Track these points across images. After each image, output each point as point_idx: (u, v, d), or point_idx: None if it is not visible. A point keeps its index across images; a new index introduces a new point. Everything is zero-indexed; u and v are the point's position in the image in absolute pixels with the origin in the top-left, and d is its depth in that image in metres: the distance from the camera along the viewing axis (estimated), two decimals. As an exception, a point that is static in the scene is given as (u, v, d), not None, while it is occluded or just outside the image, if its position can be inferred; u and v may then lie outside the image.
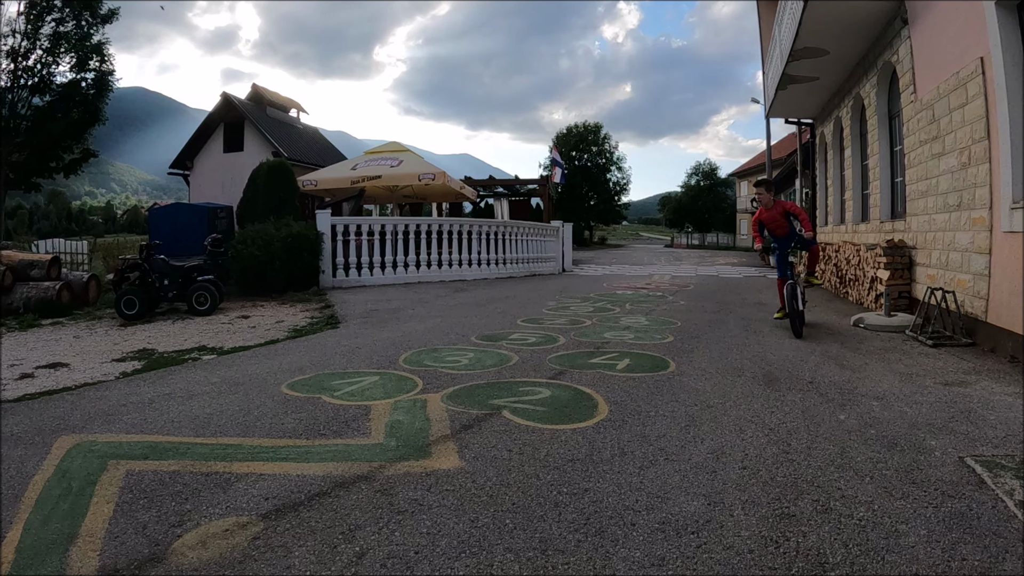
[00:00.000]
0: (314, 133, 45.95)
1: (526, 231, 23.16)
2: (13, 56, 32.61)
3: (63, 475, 4.73)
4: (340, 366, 8.16)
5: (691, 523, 3.74)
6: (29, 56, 32.95)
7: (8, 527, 3.94)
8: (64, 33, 33.29)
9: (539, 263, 23.89)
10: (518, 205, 39.02)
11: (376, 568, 3.34)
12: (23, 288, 14.78)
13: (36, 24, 32.66)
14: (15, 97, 33.05)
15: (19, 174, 34.37)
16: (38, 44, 32.95)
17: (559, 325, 11.10)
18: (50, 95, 33.89)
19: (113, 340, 10.96)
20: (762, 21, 25.35)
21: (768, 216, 11.04)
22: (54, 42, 33.17)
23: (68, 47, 33.43)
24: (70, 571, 3.42)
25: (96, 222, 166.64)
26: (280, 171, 19.55)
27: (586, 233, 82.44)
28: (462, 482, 4.38)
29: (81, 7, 33.28)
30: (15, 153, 33.27)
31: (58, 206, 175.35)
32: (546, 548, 3.50)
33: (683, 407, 6.05)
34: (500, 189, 39.53)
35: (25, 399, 7.18)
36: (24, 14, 32.43)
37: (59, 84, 34.09)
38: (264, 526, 3.83)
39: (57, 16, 33.16)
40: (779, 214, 10.97)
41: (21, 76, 33.05)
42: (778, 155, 50.10)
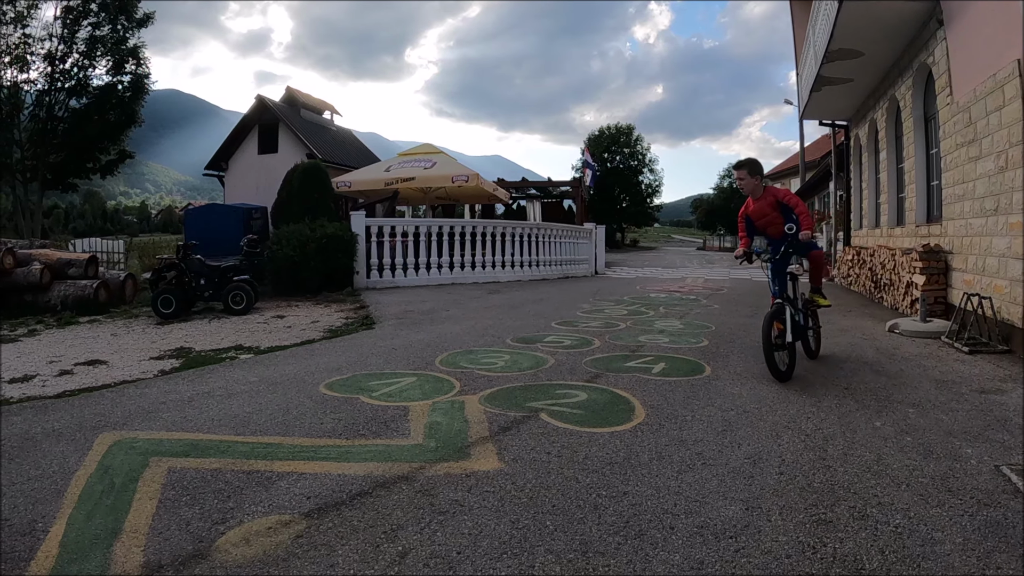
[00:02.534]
0: (347, 135, 46.10)
1: (559, 233, 23.17)
2: (50, 60, 33.02)
3: (105, 471, 4.80)
4: (377, 367, 8.22)
5: (729, 527, 3.75)
6: (66, 60, 33.35)
7: (51, 522, 4.00)
8: (100, 37, 33.74)
9: (572, 265, 23.91)
10: (550, 207, 39.01)
11: (419, 568, 3.38)
12: (61, 286, 14.98)
13: (72, 28, 33.06)
14: (52, 100, 33.44)
15: (56, 174, 34.79)
16: (75, 48, 33.34)
17: (594, 328, 11.07)
18: (87, 98, 34.32)
19: (151, 338, 11.10)
20: (795, 22, 25.21)
21: (756, 209, 8.32)
22: (90, 46, 33.62)
23: (104, 51, 33.85)
24: (115, 566, 3.47)
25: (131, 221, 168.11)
26: (315, 172, 19.66)
27: (618, 235, 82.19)
28: (502, 484, 4.41)
29: (117, 11, 33.61)
30: (53, 154, 33.67)
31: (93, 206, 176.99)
32: (587, 550, 3.52)
33: (719, 411, 6.05)
34: (532, 191, 39.53)
35: (65, 396, 7.31)
36: (60, 18, 32.78)
37: (96, 87, 34.54)
38: (307, 524, 3.87)
39: (93, 20, 33.52)
40: (769, 206, 8.21)
41: (58, 79, 33.43)
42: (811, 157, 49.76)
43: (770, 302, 7.91)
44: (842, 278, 19.67)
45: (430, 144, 25.34)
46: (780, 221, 8.15)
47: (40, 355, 9.87)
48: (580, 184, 37.10)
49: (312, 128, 38.78)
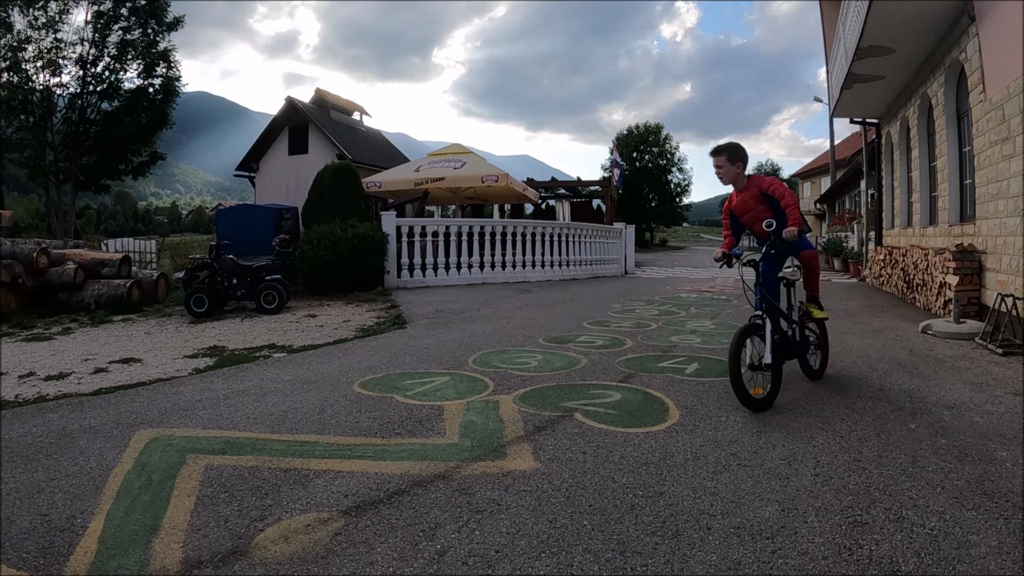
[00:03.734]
0: (377, 135, 46.30)
1: (589, 233, 23.14)
2: (82, 63, 33.39)
3: (143, 468, 4.85)
4: (410, 366, 8.25)
5: (766, 528, 3.74)
6: (98, 63, 33.73)
7: (90, 518, 4.06)
8: (131, 41, 34.16)
9: (602, 265, 23.87)
10: (579, 207, 38.95)
11: (458, 566, 3.39)
12: (95, 285, 15.16)
13: (104, 33, 33.44)
14: (84, 103, 33.83)
15: (89, 176, 35.17)
16: (106, 52, 33.73)
17: (625, 328, 11.05)
18: (119, 100, 34.71)
19: (184, 337, 11.20)
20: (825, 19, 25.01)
21: (740, 202, 7.12)
22: (121, 50, 34.03)
23: (135, 54, 34.26)
24: (154, 562, 3.51)
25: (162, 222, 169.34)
26: (345, 173, 19.74)
27: (647, 235, 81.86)
28: (538, 483, 4.43)
29: (147, 15, 33.97)
30: (85, 156, 34.04)
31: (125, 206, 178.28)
32: (624, 550, 3.53)
33: (753, 414, 6.03)
34: (562, 190, 39.49)
35: (101, 393, 7.40)
36: (91, 23, 33.14)
37: (127, 90, 34.94)
38: (345, 522, 3.90)
39: (124, 24, 33.90)
40: (754, 198, 6.96)
41: (90, 83, 33.82)
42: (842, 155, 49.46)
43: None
44: (874, 278, 19.50)
45: (459, 144, 25.40)
46: (766, 216, 6.81)
47: (75, 353, 9.98)
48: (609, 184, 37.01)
49: (342, 129, 38.99)
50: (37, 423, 6.23)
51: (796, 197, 6.78)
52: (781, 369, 6.43)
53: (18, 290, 14.70)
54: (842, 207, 44.93)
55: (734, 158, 7.01)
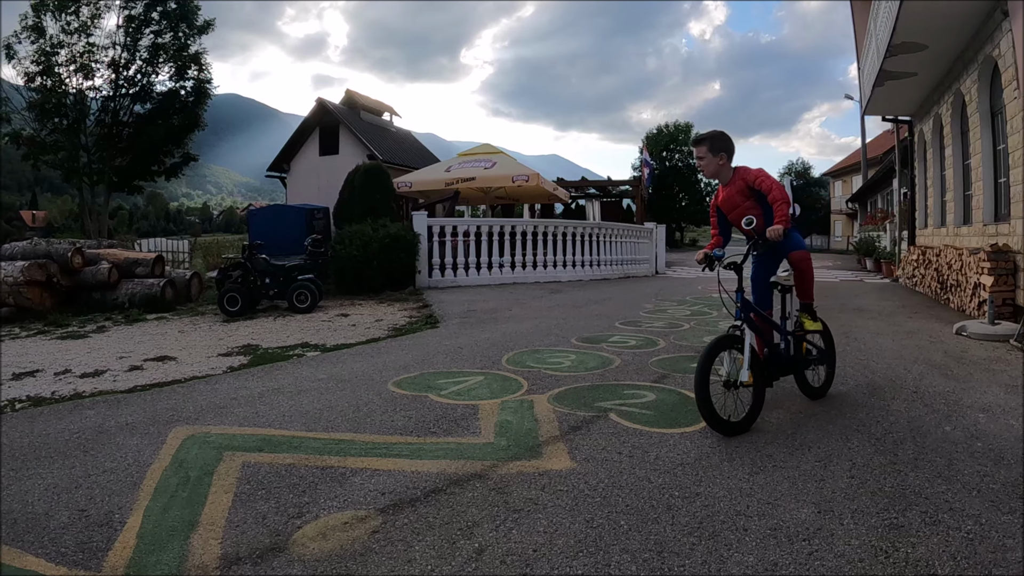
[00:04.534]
0: (407, 136, 46.41)
1: (620, 233, 23.09)
2: (114, 67, 33.76)
3: (180, 465, 4.91)
4: (444, 365, 8.28)
5: (802, 530, 3.73)
6: (130, 67, 34.10)
7: (128, 513, 4.11)
8: (162, 44, 34.52)
9: (633, 265, 23.80)
10: (609, 206, 38.92)
11: (496, 565, 3.41)
12: (128, 284, 15.33)
13: (135, 37, 33.82)
14: (117, 105, 34.19)
15: (122, 177, 35.53)
16: (138, 55, 34.09)
17: (658, 328, 11.02)
18: (151, 103, 35.07)
19: (217, 335, 11.31)
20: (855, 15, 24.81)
21: (725, 198, 6.49)
22: (153, 53, 34.40)
23: (167, 57, 34.61)
24: (192, 558, 3.55)
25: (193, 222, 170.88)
26: (376, 174, 19.81)
27: (677, 235, 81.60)
28: (575, 483, 4.43)
29: (178, 19, 34.33)
30: (118, 158, 34.38)
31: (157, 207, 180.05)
32: (662, 550, 3.53)
33: (787, 414, 6.00)
34: (592, 190, 39.45)
35: (136, 390, 7.50)
36: (123, 27, 33.50)
37: (159, 92, 35.25)
38: (383, 520, 3.93)
39: (155, 28, 34.27)
40: (739, 193, 6.33)
41: (123, 86, 34.20)
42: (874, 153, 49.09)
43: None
44: (907, 278, 19.34)
45: (489, 144, 25.40)
46: (755, 213, 6.15)
47: (110, 351, 10.10)
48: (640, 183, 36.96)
49: (372, 130, 39.11)
50: (74, 419, 6.32)
51: (785, 191, 6.07)
52: (764, 390, 5.83)
53: (53, 289, 14.89)
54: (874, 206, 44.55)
55: (716, 148, 6.33)
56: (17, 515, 4.16)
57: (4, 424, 6.29)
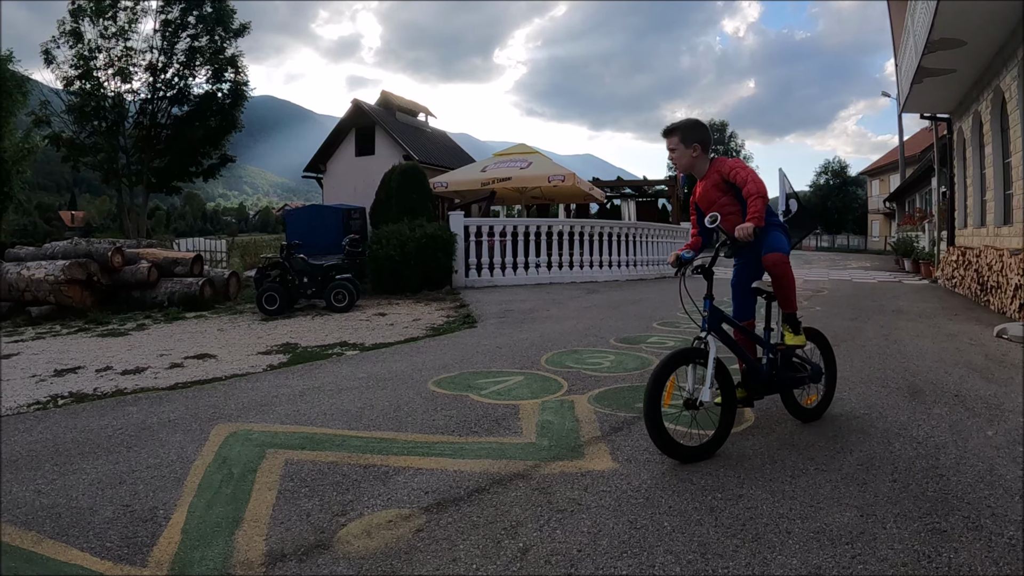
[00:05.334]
0: (442, 136, 46.57)
1: (656, 233, 23.03)
2: (152, 70, 34.25)
3: (223, 461, 4.95)
4: (483, 365, 8.28)
5: (845, 533, 3.70)
6: (167, 70, 34.61)
7: (172, 509, 4.16)
8: (199, 48, 35.00)
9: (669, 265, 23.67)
10: (645, 206, 38.83)
11: (540, 565, 3.41)
12: (168, 283, 15.53)
13: (172, 40, 34.35)
14: (155, 108, 34.66)
15: (160, 178, 35.98)
16: (175, 59, 34.58)
17: (696, 329, 10.78)
18: (188, 105, 35.56)
19: (256, 334, 11.40)
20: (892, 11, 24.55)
21: (702, 193, 5.88)
22: (190, 56, 34.94)
23: (203, 60, 35.08)
24: (237, 554, 3.58)
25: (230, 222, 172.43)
26: (413, 174, 19.89)
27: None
28: (617, 483, 4.43)
29: (214, 23, 34.75)
30: (156, 159, 34.81)
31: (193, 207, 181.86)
32: (705, 552, 3.51)
33: (829, 417, 5.95)
34: (627, 190, 39.37)
35: (178, 388, 7.59)
36: (160, 31, 33.97)
37: (196, 95, 35.73)
38: (427, 519, 3.93)
39: (192, 32, 34.74)
40: (715, 187, 5.71)
41: (160, 88, 34.69)
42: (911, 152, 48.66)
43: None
44: (946, 279, 19.16)
45: (524, 144, 25.44)
46: (734, 209, 5.59)
47: (150, 348, 10.21)
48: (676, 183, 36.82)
49: (408, 130, 39.28)
50: (117, 416, 6.39)
51: (762, 185, 5.33)
52: (734, 410, 5.23)
53: (94, 287, 15.08)
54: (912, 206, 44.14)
55: (688, 138, 5.63)
56: (62, 509, 4.22)
57: (48, 419, 6.40)
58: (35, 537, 3.85)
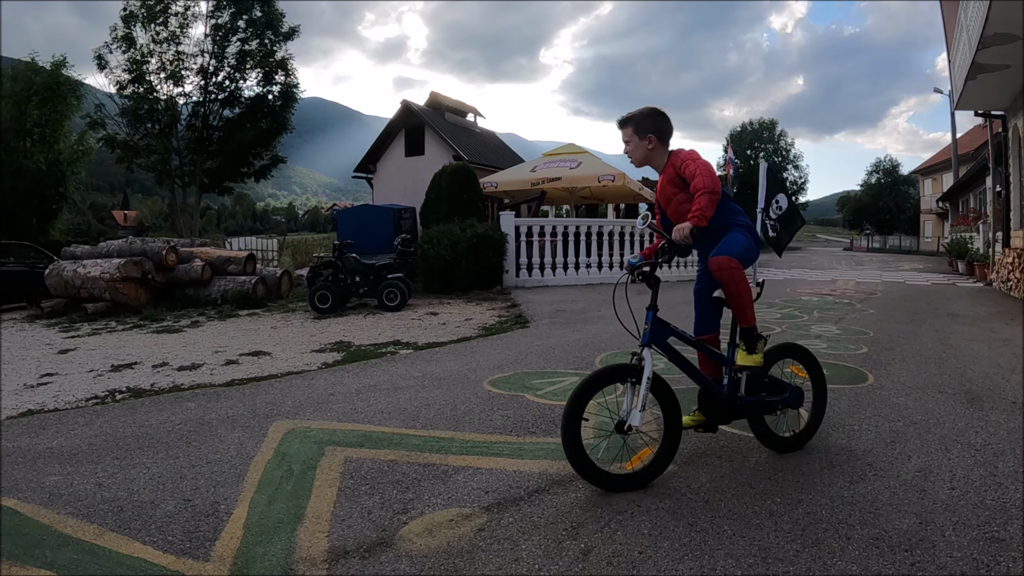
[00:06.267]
0: (491, 136, 46.60)
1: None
2: (203, 74, 34.78)
3: (282, 458, 5.00)
4: (537, 365, 8.28)
5: (904, 540, 3.67)
6: (218, 73, 35.15)
7: (233, 505, 4.21)
8: (249, 51, 35.49)
9: (627, 272, 23.50)
10: (693, 206, 38.66)
11: (602, 566, 3.41)
12: (220, 281, 15.78)
13: (222, 45, 34.85)
14: (207, 110, 35.16)
15: (213, 179, 36.48)
16: (225, 62, 35.07)
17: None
18: (239, 107, 36.00)
19: (309, 332, 11.53)
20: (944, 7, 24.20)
21: (660, 189, 5.19)
22: (240, 60, 35.42)
23: (254, 64, 35.54)
24: (300, 550, 3.61)
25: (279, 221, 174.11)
26: (463, 174, 19.97)
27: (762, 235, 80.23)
28: (676, 486, 4.42)
29: (264, 27, 35.19)
30: (209, 160, 35.32)
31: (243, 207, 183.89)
32: (766, 556, 3.50)
33: (886, 422, 5.88)
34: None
35: (234, 384, 7.70)
36: (210, 36, 34.49)
37: (247, 97, 36.18)
38: (488, 519, 3.95)
39: (242, 36, 35.23)
40: (670, 182, 5.03)
41: (212, 91, 35.21)
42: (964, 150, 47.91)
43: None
44: (1001, 282, 18.83)
45: (574, 144, 25.38)
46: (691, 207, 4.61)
47: (205, 345, 10.39)
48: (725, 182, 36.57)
49: (457, 130, 39.35)
50: (176, 411, 6.50)
51: (711, 180, 4.59)
52: (678, 435, 4.68)
53: (148, 285, 15.33)
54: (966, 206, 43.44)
55: (643, 129, 4.98)
56: (123, 503, 4.29)
57: (108, 414, 6.52)
58: (97, 530, 3.92)
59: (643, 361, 4.57)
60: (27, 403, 7.25)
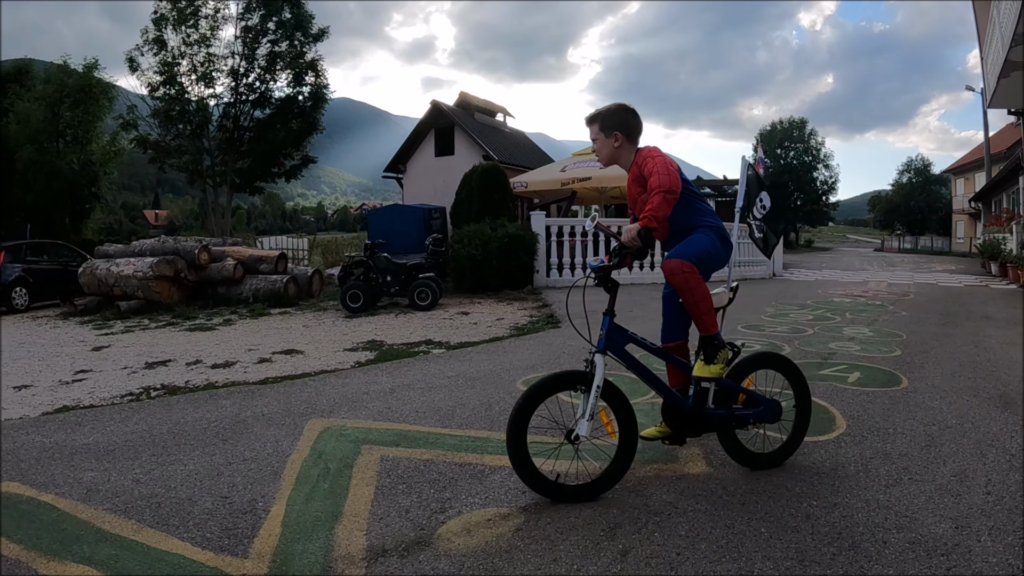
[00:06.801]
0: (520, 136, 46.65)
1: (736, 234, 22.71)
2: (234, 75, 35.07)
3: (319, 456, 5.05)
4: (570, 365, 8.15)
5: (940, 545, 3.64)
6: (248, 75, 35.42)
7: (271, 502, 4.25)
8: (279, 53, 35.73)
9: (750, 267, 23.40)
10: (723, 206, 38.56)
11: (641, 567, 3.41)
12: (252, 280, 15.91)
13: (253, 46, 35.10)
14: (238, 111, 35.43)
15: (243, 179, 36.79)
16: (256, 64, 35.33)
17: (781, 333, 10.78)
18: (270, 108, 36.24)
19: (341, 331, 11.60)
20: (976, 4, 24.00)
21: (627, 186, 5.13)
22: (270, 61, 35.65)
23: (284, 65, 35.77)
24: (338, 548, 3.64)
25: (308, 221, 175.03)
26: (493, 174, 19.97)
27: (792, 235, 79.37)
28: (712, 487, 4.41)
29: (293, 29, 35.45)
30: (240, 161, 35.61)
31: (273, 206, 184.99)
32: (803, 559, 3.49)
33: (921, 426, 5.83)
34: (706, 190, 39.07)
35: (268, 382, 7.77)
36: (240, 37, 34.79)
37: (277, 98, 36.40)
38: (525, 519, 3.97)
39: (272, 38, 35.51)
40: (635, 181, 4.92)
41: (242, 93, 35.48)
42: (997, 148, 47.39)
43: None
44: (1035, 285, 18.70)
45: (605, 143, 25.30)
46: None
47: (238, 343, 10.49)
48: (755, 182, 36.36)
49: (486, 130, 39.43)
50: (211, 408, 6.60)
51: (668, 179, 4.38)
52: (633, 445, 4.51)
53: (181, 284, 15.49)
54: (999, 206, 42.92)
55: (608, 126, 4.84)
56: (161, 499, 4.35)
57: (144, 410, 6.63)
58: (135, 526, 3.97)
59: (594, 369, 4.46)
60: (62, 399, 7.37)
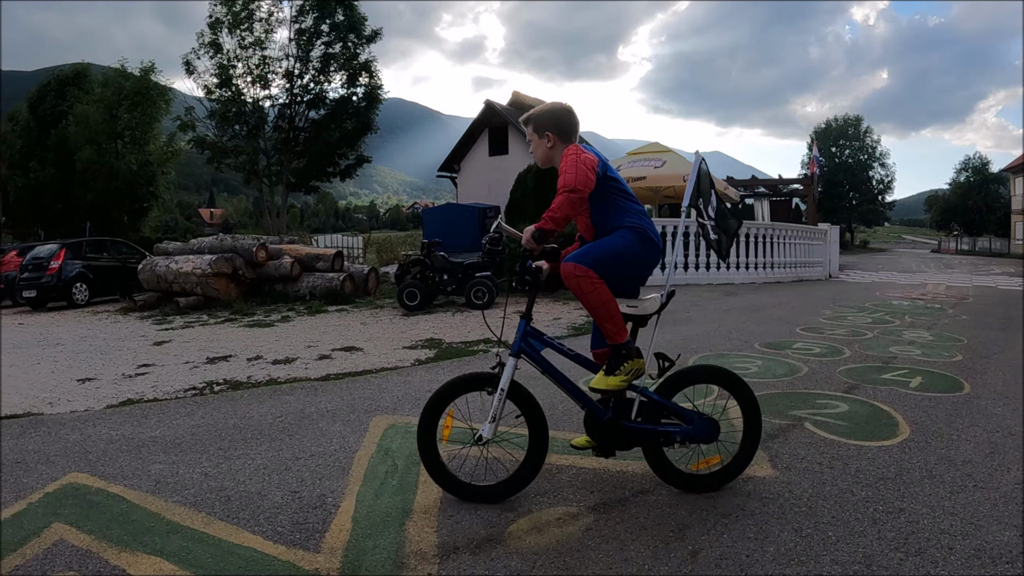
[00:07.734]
0: (573, 135, 46.73)
1: (792, 234, 22.46)
2: (289, 77, 35.54)
3: (385, 453, 5.12)
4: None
5: (1005, 553, 3.61)
6: (303, 76, 35.85)
7: (340, 498, 4.30)
8: (333, 54, 36.12)
9: (806, 268, 23.12)
10: (778, 206, 38.24)
11: (711, 567, 3.42)
12: (309, 278, 16.08)
13: (307, 48, 35.56)
14: (293, 112, 35.85)
15: (299, 178, 37.24)
16: (310, 65, 35.74)
17: (840, 336, 10.62)
18: (324, 109, 36.64)
19: (399, 328, 11.70)
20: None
21: None
22: (324, 63, 36.07)
23: (338, 66, 36.13)
24: (410, 544, 3.68)
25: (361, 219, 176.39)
26: (548, 174, 19.94)
27: (847, 235, 78.08)
28: (779, 491, 4.40)
29: (347, 30, 35.80)
30: (295, 160, 36.04)
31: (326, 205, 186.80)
32: (870, 563, 3.48)
33: (984, 432, 5.75)
34: (761, 189, 38.80)
35: (330, 379, 7.86)
36: (294, 40, 35.25)
37: (332, 99, 36.85)
38: (595, 518, 3.98)
39: (326, 40, 35.93)
40: None
41: (297, 94, 35.92)
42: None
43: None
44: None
45: (658, 143, 25.25)
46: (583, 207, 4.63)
47: (297, 340, 10.62)
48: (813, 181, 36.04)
49: (540, 130, 39.55)
50: (275, 404, 6.71)
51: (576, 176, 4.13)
52: (543, 450, 4.42)
53: (239, 280, 15.67)
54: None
55: (541, 127, 4.63)
56: (230, 492, 4.44)
57: (208, 405, 6.78)
58: (205, 518, 4.06)
59: (502, 370, 4.42)
60: (126, 392, 7.54)
